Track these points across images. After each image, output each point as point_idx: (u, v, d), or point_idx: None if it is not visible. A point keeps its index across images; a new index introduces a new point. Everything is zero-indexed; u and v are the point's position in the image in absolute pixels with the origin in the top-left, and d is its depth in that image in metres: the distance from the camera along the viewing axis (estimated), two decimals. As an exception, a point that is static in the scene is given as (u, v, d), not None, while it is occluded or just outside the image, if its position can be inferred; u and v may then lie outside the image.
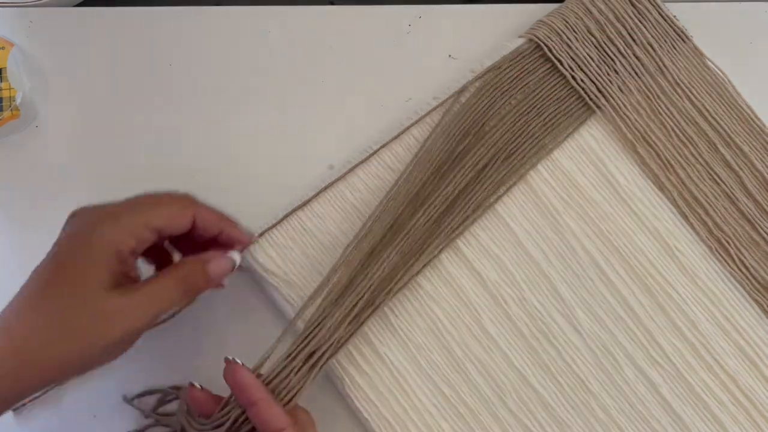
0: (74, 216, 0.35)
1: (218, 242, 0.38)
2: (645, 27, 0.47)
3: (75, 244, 0.33)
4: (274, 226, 0.43)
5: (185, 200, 0.36)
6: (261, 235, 0.43)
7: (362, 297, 0.40)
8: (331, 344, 0.39)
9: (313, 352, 0.38)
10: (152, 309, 0.34)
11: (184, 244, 0.38)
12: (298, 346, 0.38)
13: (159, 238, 0.35)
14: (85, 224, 0.34)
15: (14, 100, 0.45)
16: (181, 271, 0.35)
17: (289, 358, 0.37)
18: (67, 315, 0.32)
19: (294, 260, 0.43)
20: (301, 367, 0.38)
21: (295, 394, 0.37)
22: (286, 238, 0.43)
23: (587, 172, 0.45)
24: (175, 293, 0.35)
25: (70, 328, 0.32)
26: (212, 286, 0.37)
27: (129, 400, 0.41)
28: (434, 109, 0.46)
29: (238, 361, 0.35)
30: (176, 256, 0.40)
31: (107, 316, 0.32)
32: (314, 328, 0.39)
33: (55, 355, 0.32)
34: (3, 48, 0.46)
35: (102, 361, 0.34)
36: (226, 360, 0.36)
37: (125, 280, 0.34)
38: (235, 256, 0.38)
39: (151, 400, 0.42)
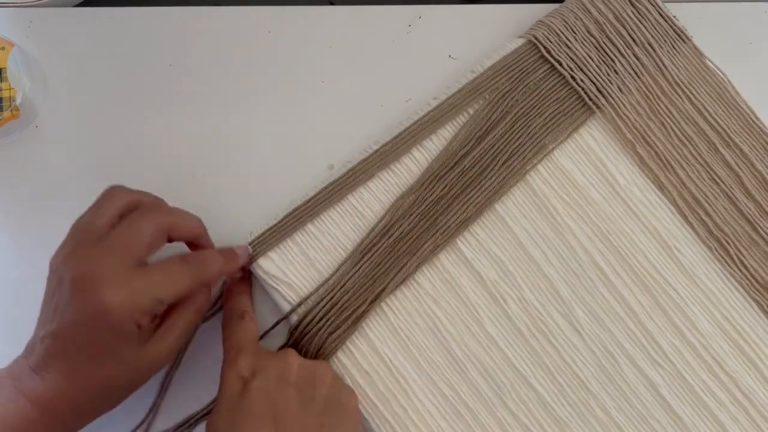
0: (73, 270, 0.33)
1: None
2: (645, 27, 0.47)
3: (94, 316, 0.33)
4: (274, 226, 0.43)
5: (195, 272, 0.37)
6: (261, 235, 0.43)
7: (359, 295, 0.41)
8: (326, 340, 0.41)
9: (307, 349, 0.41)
10: (177, 344, 0.37)
11: None
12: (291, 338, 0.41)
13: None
14: (95, 292, 0.33)
15: (14, 100, 0.45)
16: (190, 309, 0.37)
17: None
18: (105, 383, 0.34)
19: (294, 261, 0.43)
20: None
21: None
22: (286, 239, 0.43)
23: (587, 172, 0.45)
24: (189, 324, 0.37)
25: (108, 394, 0.35)
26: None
27: None
28: (434, 109, 0.46)
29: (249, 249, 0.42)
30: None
31: (143, 370, 0.36)
32: (308, 325, 0.41)
33: (88, 412, 0.35)
34: (3, 48, 0.46)
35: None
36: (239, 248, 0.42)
37: (149, 325, 0.35)
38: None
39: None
